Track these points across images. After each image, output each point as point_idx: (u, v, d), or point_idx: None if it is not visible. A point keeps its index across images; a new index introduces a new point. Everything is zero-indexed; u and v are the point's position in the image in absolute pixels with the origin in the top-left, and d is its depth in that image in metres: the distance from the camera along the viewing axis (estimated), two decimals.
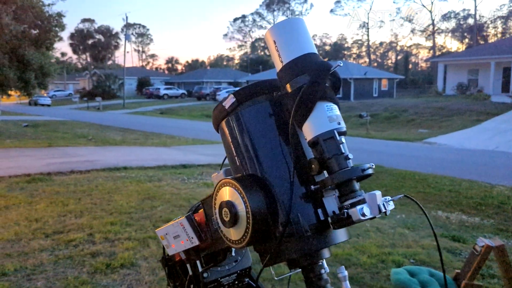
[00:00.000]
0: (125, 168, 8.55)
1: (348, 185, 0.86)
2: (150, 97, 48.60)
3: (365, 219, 0.83)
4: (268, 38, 0.94)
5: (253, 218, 0.85)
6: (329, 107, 0.88)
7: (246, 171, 0.93)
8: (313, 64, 0.88)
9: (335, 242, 0.92)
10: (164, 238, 1.14)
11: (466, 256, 4.13)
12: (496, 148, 13.80)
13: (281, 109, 0.93)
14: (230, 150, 0.98)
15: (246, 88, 0.97)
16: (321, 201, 0.89)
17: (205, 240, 1.07)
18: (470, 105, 23.17)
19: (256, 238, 0.88)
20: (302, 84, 0.87)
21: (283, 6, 76.95)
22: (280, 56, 0.91)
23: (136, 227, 4.63)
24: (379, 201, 0.85)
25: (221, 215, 0.91)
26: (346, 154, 0.86)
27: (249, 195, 0.86)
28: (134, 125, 20.50)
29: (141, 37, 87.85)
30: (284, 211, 0.88)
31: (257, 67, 59.92)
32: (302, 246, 0.88)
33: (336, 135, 0.86)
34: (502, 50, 30.22)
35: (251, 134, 0.93)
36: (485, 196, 7.43)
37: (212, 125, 1.07)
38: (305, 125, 0.87)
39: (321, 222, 0.88)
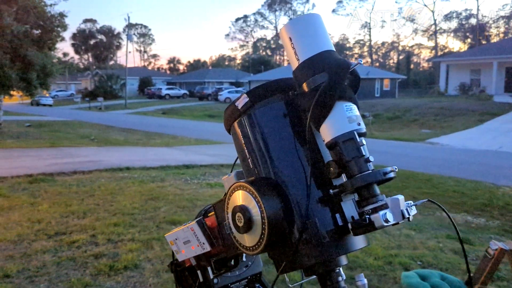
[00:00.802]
0: (128, 168, 8.52)
1: (368, 189, 0.82)
2: (152, 97, 48.60)
3: (388, 225, 0.79)
4: (283, 35, 0.89)
5: (268, 224, 0.81)
6: (348, 107, 0.84)
7: (260, 173, 0.90)
8: (332, 62, 0.84)
9: (354, 249, 0.88)
10: (173, 243, 1.10)
11: (473, 258, 4.08)
12: (499, 148, 13.73)
13: (296, 109, 0.89)
14: (242, 152, 0.94)
15: (260, 88, 0.93)
16: (339, 205, 0.85)
17: (217, 246, 1.03)
18: (473, 105, 23.10)
19: (272, 244, 0.84)
20: (320, 83, 0.83)
21: (285, 6, 76.97)
22: (296, 54, 0.87)
23: (139, 228, 4.59)
24: (402, 206, 0.81)
25: (234, 220, 0.87)
26: (367, 156, 0.82)
27: (265, 199, 0.82)
28: (136, 125, 20.48)
29: (143, 37, 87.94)
30: (301, 216, 0.84)
31: (259, 67, 59.85)
32: (320, 253, 0.84)
33: (356, 136, 0.82)
34: (505, 50, 30.14)
35: (265, 135, 0.90)
36: (490, 197, 7.38)
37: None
38: (323, 126, 0.83)
39: (339, 228, 0.85)
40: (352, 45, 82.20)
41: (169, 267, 1.26)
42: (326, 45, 0.87)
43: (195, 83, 53.86)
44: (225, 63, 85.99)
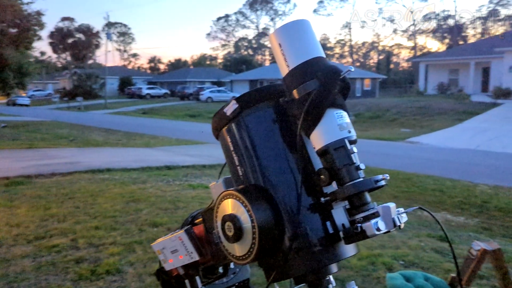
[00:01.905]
0: (108, 170, 8.39)
1: (359, 197, 0.82)
2: (132, 97, 48.06)
3: (379, 233, 0.79)
4: (273, 41, 0.88)
5: (259, 233, 0.80)
6: (339, 115, 0.83)
7: (249, 181, 0.88)
8: (323, 69, 0.83)
9: (345, 257, 0.88)
10: (160, 252, 1.07)
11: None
12: (477, 147, 14.03)
13: (286, 116, 0.88)
14: (231, 159, 0.92)
15: (249, 94, 0.92)
16: (330, 213, 0.85)
17: (205, 255, 1.01)
18: (451, 105, 23.56)
19: (263, 254, 0.83)
20: (311, 90, 0.82)
21: (266, 6, 77.06)
22: (286, 60, 0.86)
23: (121, 231, 4.52)
24: (393, 214, 0.81)
25: (223, 230, 0.85)
26: (358, 164, 0.82)
27: (255, 208, 0.81)
28: (116, 126, 20.21)
29: (123, 36, 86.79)
30: (291, 225, 0.83)
31: (241, 66, 59.80)
32: (311, 261, 0.84)
33: (347, 144, 0.82)
34: (481, 51, 30.85)
35: (255, 142, 0.88)
36: (468, 195, 7.53)
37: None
38: (313, 133, 0.82)
39: (330, 236, 0.84)
40: (333, 45, 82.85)
41: (155, 275, 1.24)
42: (316, 51, 0.86)
43: (176, 82, 53.49)
44: (206, 63, 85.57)
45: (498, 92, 25.97)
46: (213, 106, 34.38)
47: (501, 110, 21.74)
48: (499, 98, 25.23)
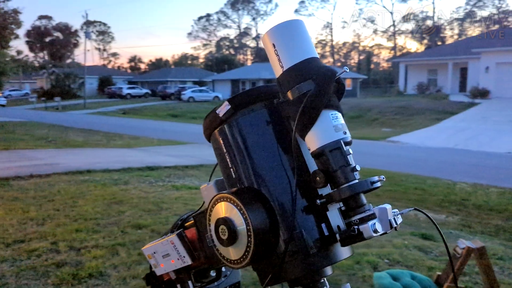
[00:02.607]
0: (88, 171, 8.24)
1: (355, 199, 0.81)
2: (112, 97, 47.40)
3: (376, 235, 0.79)
4: (266, 41, 0.87)
5: (254, 236, 0.79)
6: (334, 116, 0.83)
7: (243, 183, 0.87)
8: (318, 70, 0.82)
9: (340, 259, 0.87)
10: (151, 257, 1.04)
11: (436, 254, 4.21)
12: (455, 146, 14.31)
13: (280, 118, 0.87)
14: (224, 161, 0.91)
15: (242, 95, 0.90)
16: (325, 215, 0.84)
17: (198, 259, 0.98)
18: (430, 104, 23.98)
19: (258, 257, 0.81)
20: (306, 91, 0.81)
21: (248, 6, 77.03)
22: (280, 61, 0.85)
23: (103, 234, 4.44)
24: (390, 216, 0.81)
25: (217, 233, 0.84)
26: (354, 165, 0.81)
27: (250, 210, 0.79)
28: (96, 126, 19.89)
29: (102, 35, 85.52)
30: (287, 227, 0.82)
31: (223, 66, 59.62)
32: (306, 264, 0.83)
33: (343, 145, 0.81)
34: (459, 51, 31.49)
35: (248, 143, 0.87)
36: (449, 193, 7.68)
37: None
38: (308, 135, 0.81)
39: (326, 238, 0.83)
40: (314, 45, 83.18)
41: (144, 279, 1.21)
42: (311, 52, 0.85)
43: (157, 82, 53.03)
44: (187, 62, 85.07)
45: (475, 92, 26.55)
46: (195, 106, 34.21)
47: (478, 110, 22.23)
48: (476, 98, 25.79)
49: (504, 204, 6.98)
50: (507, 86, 26.06)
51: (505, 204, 6.99)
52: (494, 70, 27.03)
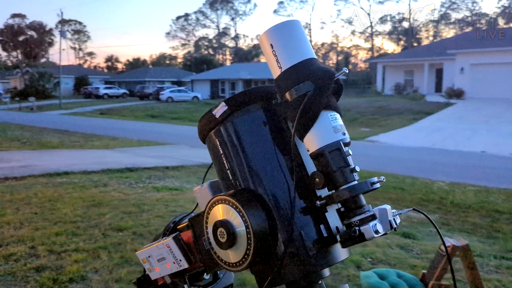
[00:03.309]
0: (66, 173, 8.06)
1: (355, 200, 0.81)
2: (89, 97, 46.59)
3: (378, 236, 0.79)
4: (264, 41, 0.86)
5: (254, 238, 0.78)
6: (333, 117, 0.83)
7: (240, 185, 0.86)
8: (317, 71, 0.82)
9: (338, 260, 0.87)
10: (146, 261, 1.02)
11: (418, 252, 4.28)
12: (432, 145, 14.59)
13: (277, 119, 0.86)
14: (220, 163, 0.89)
15: (239, 96, 0.90)
16: (324, 216, 0.84)
17: (194, 262, 0.97)
18: (407, 105, 24.41)
19: (257, 260, 0.80)
20: (305, 92, 0.81)
21: (226, 6, 76.88)
22: (278, 61, 0.84)
23: (84, 237, 4.35)
24: (390, 217, 0.82)
25: (216, 236, 0.83)
26: (353, 166, 0.82)
27: (249, 212, 0.79)
28: (72, 127, 19.50)
29: (78, 34, 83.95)
30: (285, 229, 0.82)
31: (202, 66, 59.33)
32: (305, 266, 0.83)
33: (342, 146, 0.81)
34: (435, 52, 32.16)
35: (245, 145, 0.86)
36: (427, 192, 7.82)
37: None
38: (307, 136, 0.81)
39: (325, 239, 0.83)
40: None
41: (135, 284, 1.18)
42: (309, 52, 0.85)
43: (135, 82, 52.39)
44: (166, 62, 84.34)
45: (451, 92, 27.17)
46: (173, 106, 33.93)
47: (454, 110, 22.76)
48: (452, 98, 26.40)
49: (480, 202, 7.16)
50: (481, 87, 26.76)
51: (481, 202, 7.16)
52: (469, 71, 27.71)
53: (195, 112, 29.43)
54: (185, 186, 7.31)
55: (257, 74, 41.90)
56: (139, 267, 3.62)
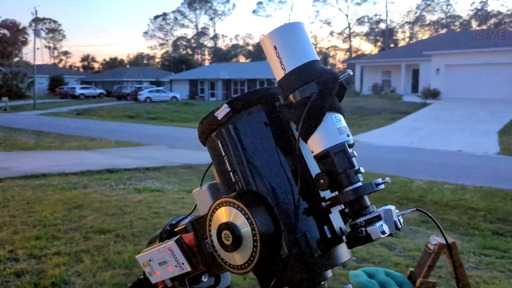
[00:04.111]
0: (44, 175, 7.88)
1: (360, 202, 0.82)
2: (64, 97, 45.69)
3: (384, 236, 0.80)
4: (267, 43, 0.86)
5: (261, 240, 0.78)
6: (337, 118, 0.84)
7: (243, 187, 0.86)
8: (321, 73, 0.83)
9: (342, 261, 0.88)
10: (146, 264, 1.00)
11: (400, 250, 4.35)
12: (410, 144, 14.85)
13: (278, 120, 0.87)
14: (222, 165, 0.89)
15: (241, 97, 0.89)
16: (328, 217, 0.85)
17: (197, 265, 0.96)
18: (385, 105, 24.78)
19: (263, 261, 0.80)
20: (309, 93, 0.81)
21: (205, 5, 76.54)
22: (282, 63, 0.84)
23: (65, 240, 4.26)
24: (394, 217, 0.83)
25: (220, 239, 0.82)
26: (357, 168, 0.83)
27: (255, 214, 0.79)
28: (48, 127, 19.06)
29: (52, 32, 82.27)
30: (290, 230, 0.82)
31: (180, 66, 58.89)
32: (310, 267, 0.83)
33: (347, 148, 0.81)
34: (411, 53, 32.76)
35: (248, 147, 0.86)
36: (406, 190, 7.95)
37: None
38: (312, 138, 0.81)
39: (329, 240, 0.84)
40: None
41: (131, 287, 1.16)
42: (313, 54, 0.86)
43: (113, 82, 51.64)
44: (143, 62, 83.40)
45: (427, 92, 27.73)
46: (152, 106, 33.58)
47: (430, 110, 23.22)
48: (428, 98, 26.95)
49: (457, 200, 7.32)
50: (456, 87, 27.42)
51: (458, 200, 7.33)
52: (444, 71, 28.35)
53: (174, 112, 29.19)
54: (166, 187, 7.25)
55: (237, 74, 41.86)
56: (123, 270, 3.57)
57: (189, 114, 27.48)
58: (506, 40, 26.11)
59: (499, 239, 5.33)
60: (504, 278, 3.77)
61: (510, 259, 4.32)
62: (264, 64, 47.89)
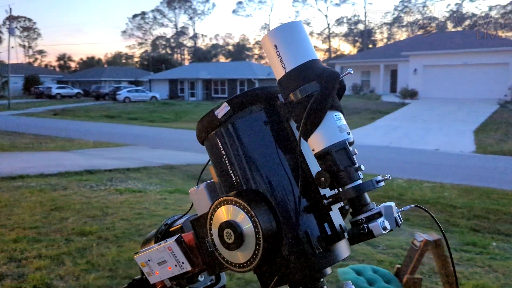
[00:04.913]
0: (21, 176, 7.69)
1: (360, 199, 0.83)
2: (40, 97, 44.75)
3: (385, 232, 0.82)
4: (267, 42, 0.86)
5: (264, 237, 0.78)
6: (338, 117, 0.84)
7: (243, 186, 0.85)
8: (322, 72, 0.83)
9: (341, 258, 0.89)
10: (145, 265, 0.99)
11: (384, 247, 4.42)
12: (390, 144, 15.08)
13: (278, 119, 0.87)
14: (222, 164, 0.88)
15: (241, 96, 0.89)
16: (328, 215, 0.86)
17: (197, 264, 0.95)
18: (365, 105, 25.10)
19: (266, 259, 0.80)
20: (311, 92, 0.81)
21: (184, 4, 76.03)
22: (282, 62, 0.84)
23: (45, 243, 4.16)
24: (395, 213, 0.84)
25: (222, 238, 0.82)
26: (358, 165, 0.83)
27: (258, 212, 0.79)
28: (23, 128, 18.63)
29: (27, 31, 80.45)
30: (291, 228, 0.82)
31: (160, 65, 58.33)
32: (311, 265, 0.83)
33: (348, 146, 0.82)
34: (389, 54, 33.28)
35: (248, 145, 0.86)
36: (387, 189, 8.07)
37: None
38: (313, 136, 0.82)
39: (329, 238, 0.84)
40: (252, 45, 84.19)
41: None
42: (313, 53, 0.86)
43: (90, 81, 50.80)
44: (122, 61, 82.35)
45: (405, 92, 28.21)
46: (131, 106, 33.17)
47: (408, 109, 23.63)
48: (406, 98, 27.42)
49: (436, 197, 7.48)
50: (433, 87, 28.00)
51: (437, 197, 7.49)
52: (422, 72, 28.89)
53: (153, 112, 28.91)
54: (148, 188, 7.17)
55: (217, 74, 41.70)
56: (107, 272, 3.52)
57: (169, 114, 27.26)
58: (481, 41, 26.84)
59: (477, 235, 5.47)
60: (483, 274, 3.86)
61: (488, 255, 4.44)
62: (244, 64, 47.90)
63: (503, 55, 26.67)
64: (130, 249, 3.95)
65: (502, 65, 26.40)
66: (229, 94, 39.69)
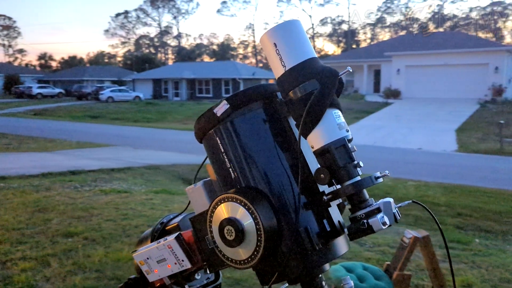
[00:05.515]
0: (3, 177, 7.53)
1: (359, 195, 0.83)
2: (20, 97, 43.87)
3: (385, 228, 0.83)
4: (266, 41, 0.86)
5: (265, 234, 0.78)
6: (336, 114, 0.85)
7: (240, 183, 0.86)
8: (322, 69, 0.84)
9: (340, 254, 0.90)
10: (144, 263, 0.98)
11: (370, 245, 4.46)
12: (374, 143, 15.22)
13: (277, 116, 0.87)
14: (221, 162, 0.88)
15: (240, 94, 0.89)
16: (327, 211, 0.87)
17: (197, 262, 0.95)
18: (349, 104, 25.28)
19: (267, 255, 0.80)
20: (310, 90, 0.82)
21: (168, 4, 75.51)
22: (282, 60, 0.85)
23: (30, 245, 4.09)
24: (393, 209, 0.86)
25: (223, 235, 0.82)
26: (357, 162, 0.84)
27: (259, 208, 0.79)
28: (3, 129, 18.23)
29: (7, 29, 78.88)
30: (291, 225, 0.83)
31: (143, 65, 57.80)
32: (310, 261, 0.84)
33: (347, 143, 0.82)
34: (373, 54, 33.62)
35: (247, 143, 0.86)
36: (372, 188, 8.05)
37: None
38: (312, 134, 0.82)
39: (328, 234, 0.85)
40: (236, 45, 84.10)
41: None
42: (312, 52, 0.87)
43: (72, 81, 50.08)
44: (105, 60, 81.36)
45: (388, 92, 28.55)
46: (114, 106, 32.80)
47: (392, 109, 23.92)
48: (389, 98, 27.76)
49: (420, 196, 7.58)
50: (415, 87, 28.40)
51: (421, 196, 7.60)
52: (404, 72, 29.28)
53: (137, 112, 28.63)
54: (133, 188, 7.10)
55: (201, 73, 41.52)
56: (93, 274, 3.47)
57: (153, 114, 27.04)
58: (462, 42, 27.32)
59: (461, 232, 5.57)
60: (468, 269, 3.93)
61: (472, 251, 4.53)
62: (228, 63, 47.78)
63: (483, 56, 27.22)
64: (117, 250, 3.91)
65: (482, 66, 26.94)
66: (214, 94, 39.55)
